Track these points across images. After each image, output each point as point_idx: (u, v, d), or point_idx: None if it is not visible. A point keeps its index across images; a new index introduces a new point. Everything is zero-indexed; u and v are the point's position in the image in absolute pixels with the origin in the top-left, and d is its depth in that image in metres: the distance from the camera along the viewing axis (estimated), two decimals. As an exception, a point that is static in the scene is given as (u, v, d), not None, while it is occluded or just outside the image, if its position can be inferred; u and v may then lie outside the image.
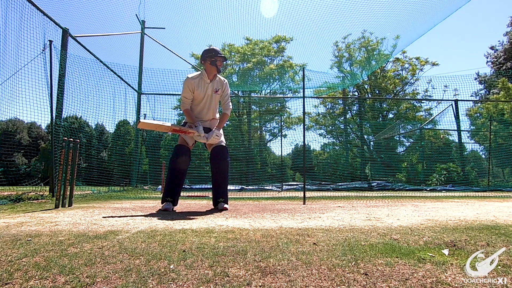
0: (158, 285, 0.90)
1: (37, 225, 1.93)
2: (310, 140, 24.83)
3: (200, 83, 3.03)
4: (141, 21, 9.82)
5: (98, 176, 8.13)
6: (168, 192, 2.91)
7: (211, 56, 2.98)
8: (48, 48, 4.75)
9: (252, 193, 6.92)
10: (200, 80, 3.03)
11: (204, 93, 3.05)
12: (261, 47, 18.53)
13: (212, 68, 3.01)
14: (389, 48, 16.37)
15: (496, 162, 11.84)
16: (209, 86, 3.06)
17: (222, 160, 3.02)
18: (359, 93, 20.22)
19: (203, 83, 3.04)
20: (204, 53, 3.04)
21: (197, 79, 3.02)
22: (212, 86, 3.07)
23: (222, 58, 3.02)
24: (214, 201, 3.08)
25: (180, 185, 2.99)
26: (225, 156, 3.04)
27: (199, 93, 3.03)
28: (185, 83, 2.99)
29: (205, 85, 3.04)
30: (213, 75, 3.06)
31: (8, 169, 5.72)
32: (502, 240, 1.50)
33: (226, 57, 3.47)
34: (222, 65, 3.09)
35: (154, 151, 10.52)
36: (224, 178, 3.08)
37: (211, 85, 3.06)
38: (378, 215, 2.55)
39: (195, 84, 3.00)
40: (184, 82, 3.00)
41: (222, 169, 3.04)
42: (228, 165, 3.08)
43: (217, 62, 3.01)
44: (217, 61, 3.00)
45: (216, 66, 3.00)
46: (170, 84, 8.75)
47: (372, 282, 0.92)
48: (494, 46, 26.47)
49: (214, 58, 2.99)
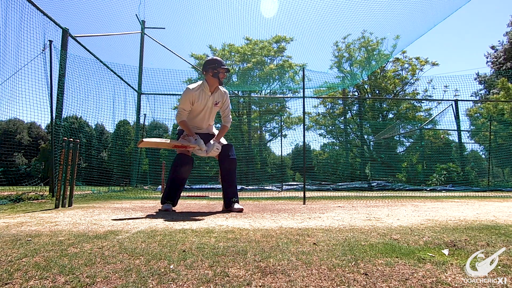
0: (158, 285, 0.90)
1: (37, 225, 1.93)
2: (310, 140, 24.83)
3: (201, 95, 2.88)
4: (141, 21, 9.82)
5: (98, 176, 8.14)
6: (168, 196, 2.90)
7: (214, 68, 2.84)
8: (48, 48, 4.75)
9: (252, 193, 6.92)
10: (201, 92, 2.88)
11: (204, 105, 2.92)
12: (261, 47, 18.54)
13: (214, 80, 2.87)
14: (389, 48, 16.40)
15: (496, 162, 11.84)
16: (209, 99, 2.93)
17: (232, 159, 2.92)
18: (359, 93, 20.22)
19: (204, 95, 2.90)
20: (206, 63, 2.89)
21: (198, 91, 2.87)
22: (213, 99, 2.94)
23: (225, 70, 2.87)
24: (226, 202, 2.90)
25: (180, 190, 2.98)
26: (233, 154, 2.95)
27: (198, 105, 2.90)
28: (185, 94, 2.83)
29: (205, 97, 2.91)
30: (214, 88, 2.93)
31: (8, 169, 5.73)
32: (502, 240, 1.50)
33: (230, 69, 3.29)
34: (225, 77, 2.94)
35: (154, 151, 10.51)
36: (235, 177, 2.96)
37: (212, 97, 2.93)
38: (378, 215, 2.55)
39: (195, 96, 2.86)
40: (184, 94, 2.84)
41: (233, 168, 2.93)
42: (236, 164, 2.98)
43: (220, 75, 2.87)
44: (219, 73, 2.86)
45: (218, 78, 2.87)
46: (170, 84, 8.76)
47: (372, 282, 0.92)
48: (494, 46, 26.48)
49: (216, 70, 2.84)
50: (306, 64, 16.83)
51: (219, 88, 2.99)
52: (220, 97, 2.99)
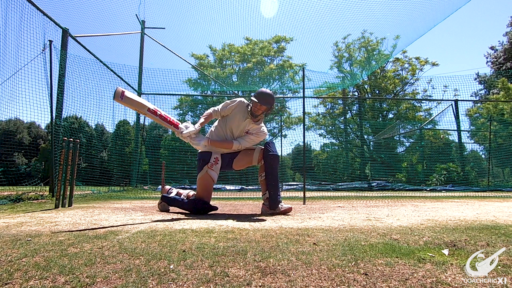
0: (158, 285, 0.90)
1: (37, 225, 1.93)
2: (310, 140, 24.82)
3: (243, 113, 2.74)
4: (141, 21, 9.83)
5: (98, 176, 8.14)
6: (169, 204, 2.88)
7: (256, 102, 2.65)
8: (48, 48, 4.75)
9: (252, 193, 6.92)
10: (245, 111, 2.74)
11: (238, 124, 2.74)
12: (261, 47, 18.54)
13: (257, 110, 2.70)
14: (389, 48, 16.40)
15: (496, 162, 11.84)
16: (246, 123, 2.75)
17: (276, 156, 2.72)
18: (359, 93, 20.22)
19: (244, 116, 2.74)
20: (259, 94, 2.69)
21: (244, 108, 2.74)
22: (249, 125, 2.76)
23: (264, 108, 2.68)
24: (272, 202, 2.64)
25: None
26: (276, 151, 2.76)
27: (234, 119, 2.73)
28: (234, 102, 2.72)
29: (244, 118, 2.74)
30: (258, 119, 2.77)
31: (8, 169, 5.72)
32: (502, 240, 1.50)
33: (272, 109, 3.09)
34: (261, 114, 2.73)
35: (154, 151, 10.52)
36: (278, 176, 2.75)
37: (248, 122, 2.75)
38: (378, 215, 2.55)
39: (241, 111, 2.72)
40: (234, 101, 2.73)
41: (276, 166, 2.73)
42: (279, 161, 2.79)
43: (256, 110, 2.68)
44: (261, 110, 2.68)
45: (252, 111, 2.70)
46: (170, 84, 8.76)
47: (372, 282, 0.92)
48: (494, 46, 26.48)
49: (255, 106, 2.67)
50: (306, 64, 16.83)
51: (262, 122, 2.83)
52: (255, 130, 2.79)
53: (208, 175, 2.65)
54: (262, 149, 2.76)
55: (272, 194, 2.64)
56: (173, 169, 9.59)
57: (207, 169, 2.65)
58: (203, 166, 2.67)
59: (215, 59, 19.25)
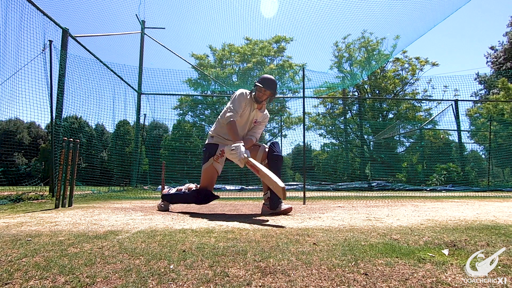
0: (158, 285, 0.90)
1: (37, 225, 1.93)
2: (310, 140, 24.82)
3: (250, 104, 2.71)
4: (141, 21, 9.82)
5: (98, 176, 8.14)
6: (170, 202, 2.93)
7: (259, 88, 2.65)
8: (48, 48, 4.75)
9: (252, 193, 6.92)
10: (250, 100, 2.70)
11: (246, 117, 2.72)
12: (261, 47, 18.55)
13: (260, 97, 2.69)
14: (389, 48, 16.39)
15: (496, 162, 11.85)
16: (253, 113, 2.73)
17: (280, 156, 2.71)
18: (359, 93, 20.23)
19: (250, 107, 2.71)
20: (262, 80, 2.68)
21: (248, 99, 2.69)
22: (256, 115, 2.76)
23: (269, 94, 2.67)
24: (273, 202, 2.64)
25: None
26: (280, 151, 2.76)
27: (246, 113, 2.69)
28: (241, 96, 2.65)
29: (250, 110, 2.72)
30: (261, 106, 2.76)
31: (8, 169, 5.72)
32: (502, 240, 1.50)
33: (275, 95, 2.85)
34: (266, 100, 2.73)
35: (154, 151, 10.52)
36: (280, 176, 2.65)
37: (255, 112, 2.74)
38: (378, 215, 2.55)
39: (247, 102, 2.67)
40: (239, 95, 2.65)
41: (280, 166, 2.71)
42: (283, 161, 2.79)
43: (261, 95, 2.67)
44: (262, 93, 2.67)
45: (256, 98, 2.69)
46: (170, 84, 8.76)
47: (372, 282, 0.92)
48: (494, 46, 26.50)
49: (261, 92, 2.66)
50: (306, 64, 16.84)
51: (265, 108, 2.84)
52: (262, 118, 2.82)
53: (213, 167, 2.68)
54: (266, 149, 2.76)
55: (274, 194, 2.60)
56: (173, 169, 9.59)
57: (212, 161, 2.68)
58: (208, 158, 2.69)
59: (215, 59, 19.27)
